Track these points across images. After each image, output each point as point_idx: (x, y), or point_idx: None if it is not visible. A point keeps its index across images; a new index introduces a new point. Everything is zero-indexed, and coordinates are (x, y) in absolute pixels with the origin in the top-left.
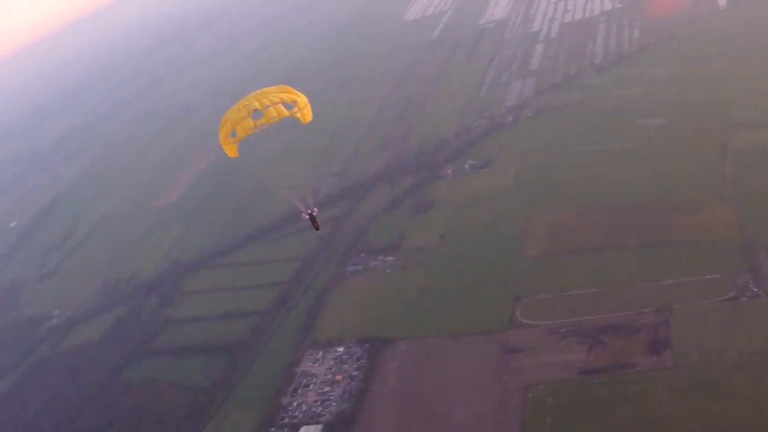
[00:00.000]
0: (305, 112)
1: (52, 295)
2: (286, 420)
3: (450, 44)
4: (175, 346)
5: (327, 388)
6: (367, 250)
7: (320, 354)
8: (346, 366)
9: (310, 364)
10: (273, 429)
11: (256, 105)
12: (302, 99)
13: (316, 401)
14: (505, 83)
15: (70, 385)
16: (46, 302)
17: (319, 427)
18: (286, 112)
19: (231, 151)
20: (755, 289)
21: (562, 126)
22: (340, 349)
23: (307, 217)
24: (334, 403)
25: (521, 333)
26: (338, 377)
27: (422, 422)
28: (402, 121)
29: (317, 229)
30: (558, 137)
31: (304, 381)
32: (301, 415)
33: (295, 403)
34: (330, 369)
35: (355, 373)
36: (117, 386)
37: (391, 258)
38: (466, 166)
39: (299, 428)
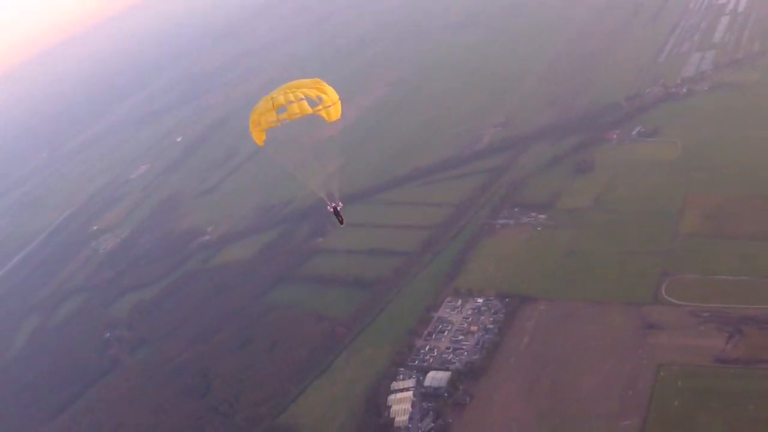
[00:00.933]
0: (331, 110)
1: (208, 211)
2: (416, 362)
3: (632, 5)
4: (320, 276)
5: (461, 337)
6: (520, 204)
7: (459, 302)
8: (482, 318)
9: (447, 311)
10: (402, 369)
11: (281, 100)
12: (330, 96)
13: (448, 348)
14: (685, 53)
15: (215, 299)
16: (202, 218)
17: (447, 374)
18: (309, 110)
19: (258, 139)
20: None
21: (737, 105)
22: (480, 300)
23: (331, 210)
24: (465, 353)
25: (663, 310)
26: (473, 328)
27: (549, 384)
28: (573, 79)
29: (341, 222)
30: (730, 116)
31: (440, 327)
32: (431, 360)
33: (427, 347)
34: (466, 318)
35: (491, 326)
36: (259, 306)
37: (543, 216)
38: (633, 133)
39: (427, 372)
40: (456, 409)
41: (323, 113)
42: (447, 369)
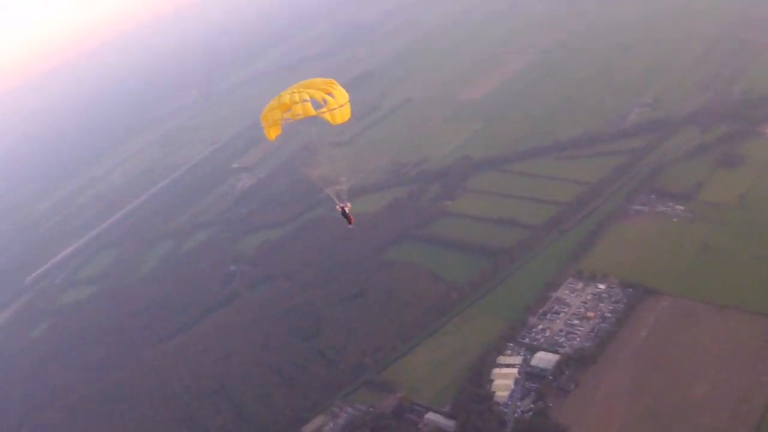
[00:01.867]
0: (336, 113)
1: (342, 162)
2: (527, 340)
3: None
4: (443, 238)
5: (576, 321)
6: (658, 192)
7: (580, 285)
8: (602, 305)
9: (567, 292)
10: (511, 345)
11: (287, 100)
12: (338, 99)
13: (561, 331)
14: None
15: (337, 248)
16: (334, 168)
17: (556, 357)
18: (312, 111)
19: (267, 134)
20: None
21: None
22: (602, 286)
23: (339, 209)
24: (577, 338)
25: None
26: (590, 314)
27: (658, 385)
28: (730, 64)
29: (349, 223)
30: None
31: (556, 307)
32: (542, 340)
33: (540, 326)
34: (585, 303)
35: (609, 314)
36: (378, 260)
37: (681, 207)
38: None
39: (536, 352)
40: (558, 394)
41: (327, 116)
42: (556, 352)
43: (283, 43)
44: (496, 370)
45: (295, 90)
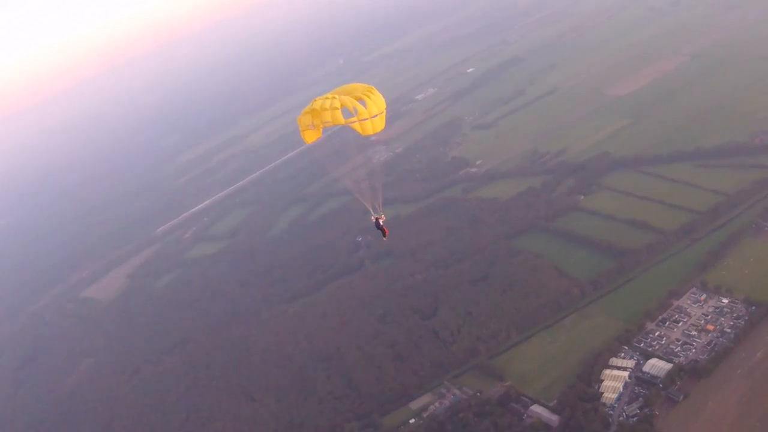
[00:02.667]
0: (366, 124)
1: (480, 145)
2: (642, 345)
3: None
4: (572, 233)
5: (694, 333)
6: None
7: (703, 297)
8: (722, 319)
9: (689, 302)
10: (625, 348)
11: (318, 105)
12: (370, 108)
13: (677, 340)
14: None
15: (464, 230)
16: (473, 150)
17: (668, 366)
18: (341, 120)
19: (304, 137)
20: None
21: None
22: (725, 300)
23: (374, 220)
24: (693, 350)
25: None
26: (710, 327)
27: None
28: None
29: (384, 235)
30: None
31: (676, 316)
32: (657, 347)
33: (657, 333)
34: (705, 315)
35: (728, 330)
36: (504, 247)
37: None
38: None
39: (649, 358)
40: (666, 403)
41: (356, 126)
42: (670, 360)
43: (433, 22)
44: (607, 371)
45: (329, 96)
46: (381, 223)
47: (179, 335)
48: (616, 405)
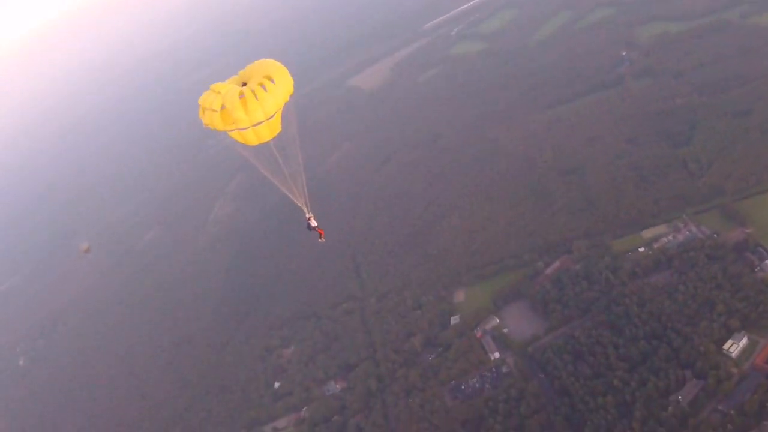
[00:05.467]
0: (248, 133)
1: None
2: None
3: None
4: None
5: None
6: None
7: None
8: None
9: None
10: None
11: (201, 100)
12: (251, 114)
13: None
14: None
15: (731, 57)
16: None
17: None
18: (219, 126)
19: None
20: None
21: None
22: None
23: (307, 221)
24: None
25: None
26: None
27: None
28: None
29: (320, 237)
30: None
31: None
32: None
33: None
34: None
35: None
36: None
37: None
38: None
39: None
40: None
41: (236, 136)
42: None
43: None
44: None
45: (218, 87)
46: (312, 225)
47: (433, 129)
48: None
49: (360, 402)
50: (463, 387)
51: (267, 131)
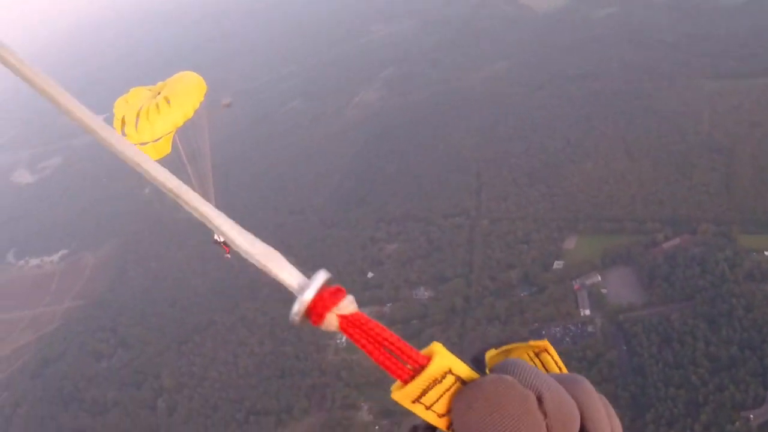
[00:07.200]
0: (149, 150)
1: None
2: None
3: None
4: None
5: None
6: None
7: None
8: None
9: None
10: None
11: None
12: (140, 133)
13: None
14: None
15: None
16: None
17: None
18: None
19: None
20: None
21: None
22: None
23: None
24: None
25: None
26: None
27: None
28: None
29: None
30: None
31: None
32: None
33: None
34: None
35: None
36: None
37: None
38: None
39: None
40: None
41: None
42: None
43: None
44: None
45: (128, 98)
46: (217, 240)
47: (592, 68)
48: None
49: (442, 315)
50: (543, 333)
51: (153, 152)
